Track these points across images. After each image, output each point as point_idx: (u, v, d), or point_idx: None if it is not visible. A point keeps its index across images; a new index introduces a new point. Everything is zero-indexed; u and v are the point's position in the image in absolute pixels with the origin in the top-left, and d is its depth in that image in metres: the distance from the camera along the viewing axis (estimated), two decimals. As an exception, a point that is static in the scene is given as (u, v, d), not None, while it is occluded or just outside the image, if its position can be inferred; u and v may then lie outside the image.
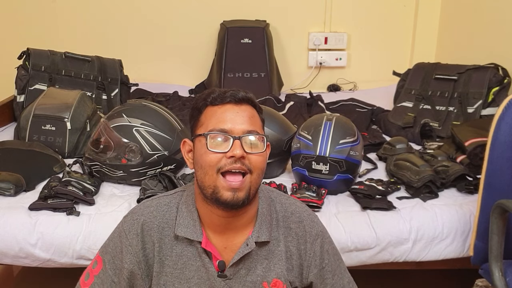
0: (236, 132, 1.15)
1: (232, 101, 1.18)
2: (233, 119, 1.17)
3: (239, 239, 1.22)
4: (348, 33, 3.38)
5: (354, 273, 1.35)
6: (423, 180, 1.85)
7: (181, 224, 1.21)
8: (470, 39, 2.95)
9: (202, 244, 1.20)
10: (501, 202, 1.39)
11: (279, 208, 1.27)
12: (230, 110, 1.18)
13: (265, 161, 1.19)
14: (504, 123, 1.46)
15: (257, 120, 1.21)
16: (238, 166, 1.13)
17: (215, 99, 1.18)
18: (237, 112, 1.18)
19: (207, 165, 1.15)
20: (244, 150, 1.14)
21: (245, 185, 1.15)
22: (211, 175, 1.14)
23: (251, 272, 1.23)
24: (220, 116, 1.17)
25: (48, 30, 3.25)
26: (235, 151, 1.13)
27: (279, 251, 1.24)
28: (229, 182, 1.13)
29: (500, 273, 1.44)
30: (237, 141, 1.14)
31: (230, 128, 1.16)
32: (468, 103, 2.44)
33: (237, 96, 1.18)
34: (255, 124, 1.19)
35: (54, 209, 1.73)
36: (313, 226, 1.27)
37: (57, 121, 2.17)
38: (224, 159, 1.14)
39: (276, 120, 2.04)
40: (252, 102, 1.22)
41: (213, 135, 1.15)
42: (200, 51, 3.35)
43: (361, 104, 2.85)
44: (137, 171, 1.87)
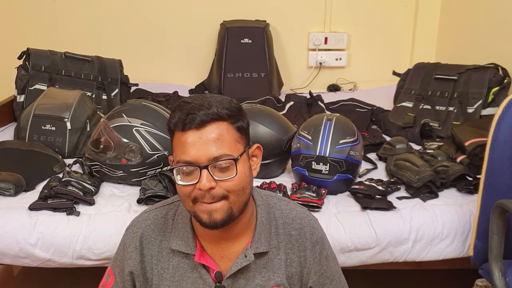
0: (201, 161, 1.09)
1: (193, 127, 1.09)
2: (196, 147, 1.09)
3: (236, 248, 1.21)
4: (348, 33, 3.38)
5: (354, 273, 1.35)
6: (423, 180, 1.85)
7: (176, 237, 1.22)
8: (470, 39, 2.95)
9: (196, 257, 1.19)
10: (501, 202, 1.39)
11: (278, 215, 1.25)
12: (192, 136, 1.09)
13: (242, 181, 1.12)
14: (504, 123, 1.46)
15: (227, 138, 1.11)
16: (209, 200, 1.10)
17: (176, 125, 1.11)
18: (200, 138, 1.09)
19: (183, 196, 1.13)
20: (214, 177, 1.09)
21: (222, 207, 1.11)
22: (188, 204, 1.13)
23: (249, 282, 1.21)
24: (183, 146, 1.10)
25: (48, 30, 3.25)
26: (202, 184, 1.08)
27: (278, 260, 1.23)
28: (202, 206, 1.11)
29: (500, 273, 1.44)
30: (204, 171, 1.09)
31: (194, 158, 1.09)
32: (468, 103, 2.44)
33: (196, 120, 1.09)
34: (223, 145, 1.10)
35: (54, 209, 1.73)
36: (314, 233, 1.25)
37: (57, 121, 2.17)
38: (196, 190, 1.10)
39: (276, 120, 2.04)
40: (218, 117, 1.11)
41: (179, 169, 1.11)
42: (200, 51, 3.35)
43: (361, 104, 2.85)
44: (137, 171, 1.87)
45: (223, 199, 1.11)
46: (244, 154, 1.14)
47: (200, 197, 1.10)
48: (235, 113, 1.14)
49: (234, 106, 1.14)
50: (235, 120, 1.13)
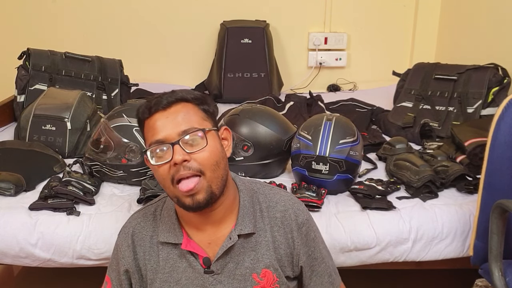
0: (172, 138, 1.13)
1: (159, 109, 1.15)
2: (165, 126, 1.14)
3: (222, 233, 1.23)
4: (348, 33, 3.38)
5: (354, 273, 1.35)
6: (423, 180, 1.85)
7: (163, 230, 1.25)
8: (470, 39, 2.95)
9: (182, 245, 1.22)
10: (501, 202, 1.39)
11: (262, 199, 1.28)
12: (160, 118, 1.15)
13: (215, 154, 1.16)
14: (503, 123, 1.46)
15: (194, 115, 1.17)
16: (186, 172, 1.12)
17: (144, 112, 1.17)
18: (167, 117, 1.15)
19: (161, 179, 1.16)
20: (186, 151, 1.12)
21: (202, 186, 1.14)
22: (168, 187, 1.15)
23: (239, 265, 1.23)
24: (153, 128, 1.15)
25: (48, 30, 3.25)
26: (176, 157, 1.11)
27: (266, 241, 1.24)
28: (182, 190, 1.13)
29: (500, 273, 1.44)
30: (176, 146, 1.12)
31: (164, 136, 1.13)
32: (468, 103, 2.44)
33: (162, 102, 1.15)
34: (191, 120, 1.15)
35: (54, 209, 1.73)
36: (299, 215, 1.27)
37: (57, 121, 2.18)
38: (172, 168, 1.12)
39: (276, 120, 2.04)
40: (183, 99, 1.17)
41: (152, 149, 1.14)
42: (200, 51, 3.35)
43: (361, 104, 2.85)
44: (137, 171, 1.87)
45: (200, 176, 1.13)
46: (213, 132, 1.19)
47: (176, 174, 1.12)
48: (199, 97, 1.20)
49: (198, 94, 1.22)
50: (200, 102, 1.20)
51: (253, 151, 1.96)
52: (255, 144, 1.96)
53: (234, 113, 2.05)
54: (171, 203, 1.26)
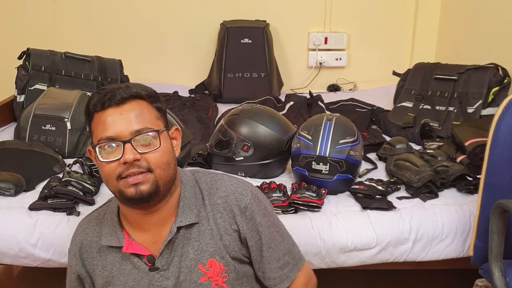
0: (124, 136, 1.11)
1: (113, 103, 1.12)
2: (117, 123, 1.12)
3: (165, 231, 1.21)
4: (348, 33, 3.38)
5: (354, 273, 1.35)
6: (423, 180, 1.85)
7: (105, 234, 1.25)
8: (470, 39, 2.95)
9: (123, 248, 1.21)
10: (501, 202, 1.39)
11: (204, 187, 1.25)
12: (113, 114, 1.12)
13: (166, 154, 1.16)
14: (504, 123, 1.46)
15: (148, 114, 1.15)
16: (135, 170, 1.11)
17: (96, 105, 1.13)
18: (120, 114, 1.12)
19: (106, 176, 1.14)
20: (138, 151, 1.11)
21: (148, 179, 1.12)
22: (112, 183, 1.14)
23: (184, 258, 1.22)
24: (104, 124, 1.12)
25: (48, 30, 3.25)
26: (127, 156, 1.10)
27: (209, 230, 1.22)
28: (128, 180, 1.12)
29: (500, 273, 1.44)
30: (128, 145, 1.11)
31: (116, 133, 1.11)
32: (468, 103, 2.44)
33: (116, 97, 1.12)
34: (144, 120, 1.13)
35: (54, 209, 1.73)
36: (241, 199, 1.23)
37: (57, 121, 2.18)
38: (120, 166, 1.11)
39: (276, 120, 2.04)
40: (137, 96, 1.15)
41: (102, 144, 1.12)
42: (200, 51, 3.35)
43: (361, 104, 2.85)
44: (137, 171, 1.87)
45: (148, 172, 1.12)
46: (165, 132, 1.18)
47: (125, 171, 1.11)
48: (153, 94, 1.18)
49: (151, 89, 1.20)
50: (153, 100, 1.18)
51: (253, 151, 1.96)
52: (255, 144, 1.96)
53: (234, 113, 2.05)
54: (114, 206, 1.25)
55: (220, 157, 2.03)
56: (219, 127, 2.07)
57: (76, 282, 1.31)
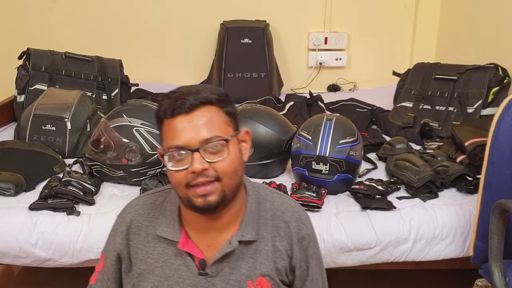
0: (193, 144, 1.10)
1: (182, 111, 1.10)
2: (186, 131, 1.10)
3: (223, 238, 1.21)
4: (348, 33, 3.38)
5: (354, 273, 1.35)
6: (423, 180, 1.85)
7: (162, 224, 1.23)
8: (470, 39, 2.95)
9: (179, 245, 1.20)
10: (501, 202, 1.40)
11: (269, 207, 1.25)
12: (182, 121, 1.10)
13: (234, 162, 1.14)
14: (504, 123, 1.46)
15: (217, 121, 1.13)
16: (203, 180, 1.10)
17: (166, 112, 1.12)
18: (190, 122, 1.10)
19: (175, 183, 1.14)
20: (206, 160, 1.10)
21: (216, 189, 1.12)
22: (181, 190, 1.13)
23: (235, 271, 1.21)
24: (173, 131, 1.11)
25: (48, 30, 3.25)
26: (195, 166, 1.09)
27: (266, 251, 1.22)
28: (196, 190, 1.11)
29: (500, 273, 1.44)
30: (196, 154, 1.09)
31: (185, 142, 1.10)
32: (468, 103, 2.44)
33: (186, 104, 1.10)
34: (213, 127, 1.11)
35: (54, 209, 1.73)
36: (302, 228, 1.24)
37: (57, 121, 2.18)
38: (189, 174, 1.10)
39: (276, 120, 2.04)
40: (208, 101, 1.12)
41: (170, 153, 1.11)
42: (200, 51, 3.35)
43: (361, 104, 2.85)
44: (137, 171, 1.87)
45: (216, 181, 1.11)
46: (234, 138, 1.15)
47: (193, 180, 1.10)
48: (224, 98, 1.15)
49: (222, 92, 1.16)
50: (224, 104, 1.15)
51: (253, 151, 1.96)
52: (255, 144, 1.96)
53: (234, 113, 2.05)
54: (175, 198, 1.23)
55: (220, 157, 2.02)
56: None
57: (114, 261, 1.28)
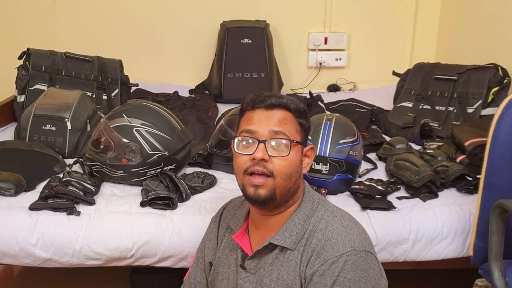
0: (261, 135, 1.20)
1: (262, 106, 1.22)
2: (261, 121, 1.21)
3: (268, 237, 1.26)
4: (348, 33, 3.38)
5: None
6: (423, 180, 1.85)
7: (235, 216, 1.36)
8: (470, 39, 2.95)
9: (234, 235, 1.31)
10: (501, 202, 1.40)
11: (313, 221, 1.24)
12: (260, 113, 1.22)
13: (291, 165, 1.21)
14: (503, 123, 1.46)
15: (289, 124, 1.22)
16: (260, 168, 1.19)
17: (248, 104, 1.24)
18: (266, 115, 1.22)
19: (236, 167, 1.24)
20: (268, 153, 1.18)
21: (267, 184, 1.19)
22: (239, 175, 1.23)
23: (268, 274, 1.25)
24: (250, 120, 1.23)
25: (48, 30, 3.25)
26: (256, 154, 1.18)
27: (295, 263, 1.21)
28: (251, 179, 1.19)
29: (500, 273, 1.45)
30: (261, 144, 1.19)
31: (256, 130, 1.21)
32: (467, 103, 2.44)
33: (267, 101, 1.22)
34: (285, 127, 1.21)
35: (55, 209, 1.73)
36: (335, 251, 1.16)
37: (57, 121, 2.18)
38: (250, 161, 1.20)
39: (276, 120, 2.04)
40: (286, 107, 1.23)
41: (240, 137, 1.23)
42: (200, 51, 3.35)
43: (361, 104, 2.85)
44: (138, 171, 1.87)
45: (270, 177, 1.19)
46: (299, 146, 1.24)
47: (251, 167, 1.19)
48: (301, 111, 1.25)
49: (302, 106, 1.26)
50: (299, 115, 1.25)
51: (253, 151, 1.96)
52: (255, 144, 1.95)
53: (234, 113, 2.05)
54: None
55: (220, 157, 2.03)
56: (219, 127, 2.07)
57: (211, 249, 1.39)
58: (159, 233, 1.69)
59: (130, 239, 1.68)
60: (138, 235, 1.68)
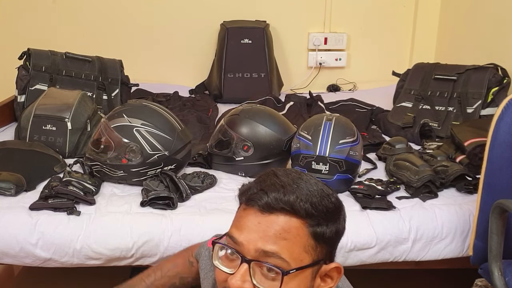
0: (247, 250, 0.86)
1: (256, 206, 0.87)
2: (251, 230, 0.86)
3: None
4: (348, 33, 3.39)
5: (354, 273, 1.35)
6: (422, 180, 1.85)
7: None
8: (469, 39, 2.95)
9: None
10: (501, 202, 1.40)
11: None
12: (252, 217, 0.87)
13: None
14: (503, 123, 1.46)
15: (293, 239, 0.84)
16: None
17: (242, 195, 0.91)
18: (259, 223, 0.86)
19: (216, 278, 0.93)
20: (252, 280, 0.85)
21: None
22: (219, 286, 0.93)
23: None
24: (239, 221, 0.89)
25: (48, 30, 3.26)
26: (233, 280, 0.86)
27: None
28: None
29: (500, 272, 1.45)
30: (244, 265, 0.86)
31: (242, 241, 0.86)
32: (467, 103, 2.44)
33: (263, 200, 0.85)
34: (283, 244, 0.84)
35: (55, 208, 1.73)
36: None
37: (57, 121, 2.18)
38: (229, 282, 0.87)
39: (276, 120, 2.04)
40: (292, 210, 0.85)
41: (221, 245, 0.90)
42: (200, 51, 3.35)
43: (360, 104, 2.85)
44: (138, 171, 1.87)
45: None
46: (307, 270, 0.86)
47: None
48: (320, 215, 0.86)
49: (325, 205, 0.87)
50: (316, 223, 0.86)
51: (253, 151, 1.97)
52: (255, 144, 1.96)
53: (234, 113, 2.06)
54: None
55: (220, 157, 2.03)
56: (219, 127, 2.08)
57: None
58: (159, 233, 1.69)
59: (130, 239, 1.68)
60: (138, 235, 1.68)
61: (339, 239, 0.89)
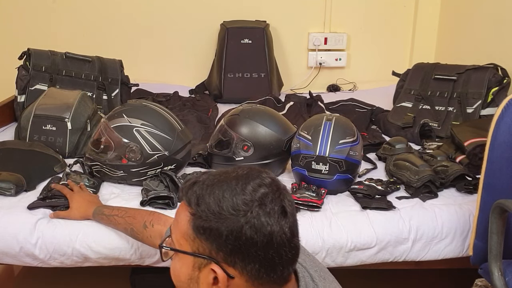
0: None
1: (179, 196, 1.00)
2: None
3: None
4: (348, 33, 3.38)
5: (354, 273, 1.35)
6: (422, 180, 1.85)
7: None
8: (469, 39, 2.95)
9: None
10: (501, 202, 1.40)
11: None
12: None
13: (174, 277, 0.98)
14: (503, 123, 1.46)
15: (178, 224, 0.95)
16: None
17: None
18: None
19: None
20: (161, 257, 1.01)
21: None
22: None
23: None
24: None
25: (48, 30, 3.26)
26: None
27: None
28: None
29: (500, 272, 1.45)
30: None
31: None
32: (467, 103, 2.44)
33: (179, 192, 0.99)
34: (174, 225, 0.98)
35: (53, 207, 1.73)
36: None
37: (57, 121, 2.18)
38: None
39: (276, 120, 2.04)
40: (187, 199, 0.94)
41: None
42: (200, 51, 3.35)
43: (360, 104, 2.85)
44: (138, 171, 1.87)
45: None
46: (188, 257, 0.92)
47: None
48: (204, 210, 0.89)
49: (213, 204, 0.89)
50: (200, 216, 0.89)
51: (253, 151, 1.97)
52: (255, 144, 1.96)
53: (234, 113, 2.06)
54: None
55: (220, 157, 2.03)
56: (219, 127, 2.08)
57: None
58: (159, 233, 1.69)
59: (130, 238, 1.68)
60: (138, 235, 1.68)
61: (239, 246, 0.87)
